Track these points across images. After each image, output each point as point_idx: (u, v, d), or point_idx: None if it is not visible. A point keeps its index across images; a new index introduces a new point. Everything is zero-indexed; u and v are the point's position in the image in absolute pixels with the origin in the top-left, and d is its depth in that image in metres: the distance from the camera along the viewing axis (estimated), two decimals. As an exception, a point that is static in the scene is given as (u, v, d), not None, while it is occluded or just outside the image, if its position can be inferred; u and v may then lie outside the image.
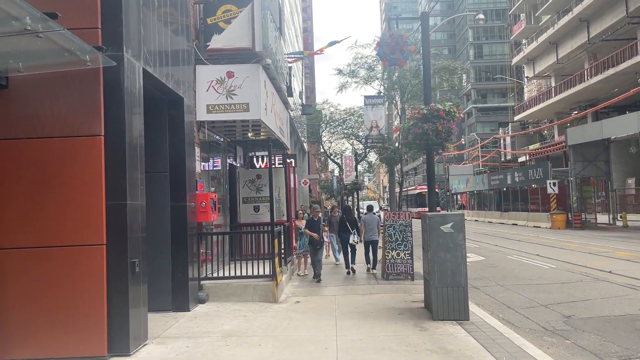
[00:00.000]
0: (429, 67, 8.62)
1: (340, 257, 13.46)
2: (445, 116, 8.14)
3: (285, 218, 12.56)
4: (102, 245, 5.60)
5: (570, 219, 27.21)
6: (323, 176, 59.30)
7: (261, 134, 11.52)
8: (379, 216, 13.56)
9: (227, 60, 9.20)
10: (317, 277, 11.10)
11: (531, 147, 50.93)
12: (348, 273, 12.06)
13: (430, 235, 7.25)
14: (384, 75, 25.67)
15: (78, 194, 5.60)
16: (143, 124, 6.39)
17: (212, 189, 10.56)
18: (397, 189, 27.51)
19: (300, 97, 24.90)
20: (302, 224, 12.10)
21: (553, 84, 46.50)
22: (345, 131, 38.83)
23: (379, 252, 12.08)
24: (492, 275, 11.73)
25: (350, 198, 41.16)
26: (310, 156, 44.99)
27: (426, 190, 53.99)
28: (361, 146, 36.36)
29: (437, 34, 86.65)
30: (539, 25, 48.40)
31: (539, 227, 28.68)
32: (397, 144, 24.25)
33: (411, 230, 11.23)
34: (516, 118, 54.45)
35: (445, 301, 7.13)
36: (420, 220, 8.04)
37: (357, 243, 12.13)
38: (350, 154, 44.47)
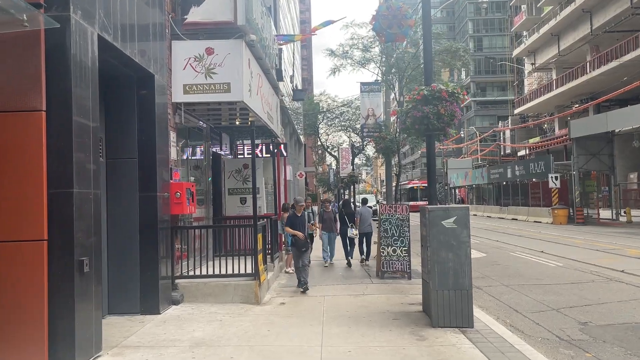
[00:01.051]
0: (430, 41, 7.69)
1: (338, 255, 12.88)
2: (449, 98, 7.22)
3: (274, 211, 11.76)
4: (43, 242, 4.72)
5: (572, 214, 26.38)
6: (320, 169, 58.54)
7: (250, 120, 10.61)
8: (375, 210, 13.23)
9: (207, 35, 8.32)
10: (302, 285, 9.05)
11: (531, 140, 50.08)
12: (349, 265, 12.12)
13: (430, 232, 6.39)
14: (382, 58, 24.14)
15: (13, 180, 4.71)
16: (98, 99, 5.49)
17: (192, 178, 9.68)
18: (394, 182, 26.37)
19: (292, 82, 23.70)
20: None
21: (554, 77, 45.59)
22: (343, 123, 37.94)
23: (374, 248, 11.44)
24: (495, 273, 10.89)
25: (347, 191, 40.38)
26: (307, 149, 44.06)
27: (418, 184, 53.63)
28: (358, 139, 35.45)
29: (436, 26, 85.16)
30: (541, 17, 47.44)
31: (540, 222, 27.88)
32: (395, 132, 22.98)
33: (409, 225, 10.37)
34: (516, 111, 53.56)
35: (447, 306, 6.29)
36: (415, 213, 7.19)
37: (356, 236, 12.33)
38: (347, 146, 43.67)
